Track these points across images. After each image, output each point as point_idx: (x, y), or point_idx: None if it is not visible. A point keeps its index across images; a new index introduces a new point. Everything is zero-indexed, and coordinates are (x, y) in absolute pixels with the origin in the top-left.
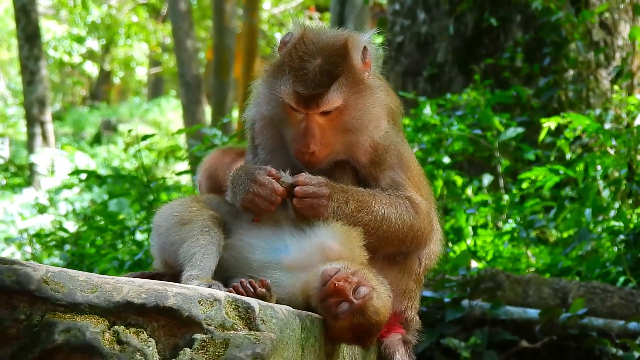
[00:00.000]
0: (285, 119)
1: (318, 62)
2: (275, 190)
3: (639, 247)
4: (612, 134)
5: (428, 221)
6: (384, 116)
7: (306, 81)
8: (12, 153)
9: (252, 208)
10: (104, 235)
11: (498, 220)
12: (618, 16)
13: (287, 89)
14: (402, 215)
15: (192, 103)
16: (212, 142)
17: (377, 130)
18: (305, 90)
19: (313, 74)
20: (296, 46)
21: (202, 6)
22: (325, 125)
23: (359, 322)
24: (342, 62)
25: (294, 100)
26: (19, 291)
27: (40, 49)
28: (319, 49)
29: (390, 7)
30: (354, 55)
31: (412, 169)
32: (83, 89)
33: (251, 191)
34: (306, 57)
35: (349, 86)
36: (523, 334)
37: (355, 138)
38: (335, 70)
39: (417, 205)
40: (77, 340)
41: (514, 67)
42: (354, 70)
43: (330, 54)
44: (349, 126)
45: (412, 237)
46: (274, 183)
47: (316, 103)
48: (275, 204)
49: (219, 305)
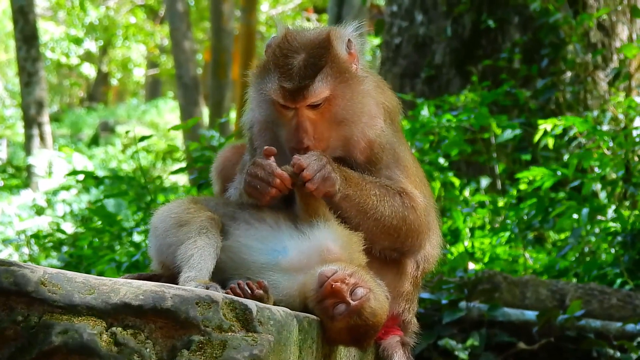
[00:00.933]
0: (277, 119)
1: (302, 57)
2: (274, 172)
3: (636, 248)
4: (609, 135)
5: (425, 217)
6: (380, 115)
7: (291, 75)
8: (9, 154)
9: (252, 192)
10: (101, 237)
11: (495, 222)
12: (616, 18)
13: (273, 85)
14: (396, 204)
15: (190, 104)
16: (209, 143)
17: (371, 126)
18: (291, 84)
19: (297, 67)
20: (280, 45)
21: (199, 7)
22: (316, 119)
23: (356, 324)
24: (325, 53)
25: (281, 96)
26: (17, 293)
27: (38, 50)
28: (302, 45)
29: (388, 9)
30: (337, 47)
31: (409, 169)
32: (81, 90)
33: (250, 172)
34: (290, 53)
35: (334, 76)
36: (520, 336)
37: (349, 131)
38: (319, 61)
39: (412, 198)
40: (75, 342)
41: (512, 69)
42: (339, 60)
43: (313, 47)
44: (340, 117)
45: (406, 230)
46: (272, 165)
47: (303, 95)
48: (275, 187)
49: (217, 307)
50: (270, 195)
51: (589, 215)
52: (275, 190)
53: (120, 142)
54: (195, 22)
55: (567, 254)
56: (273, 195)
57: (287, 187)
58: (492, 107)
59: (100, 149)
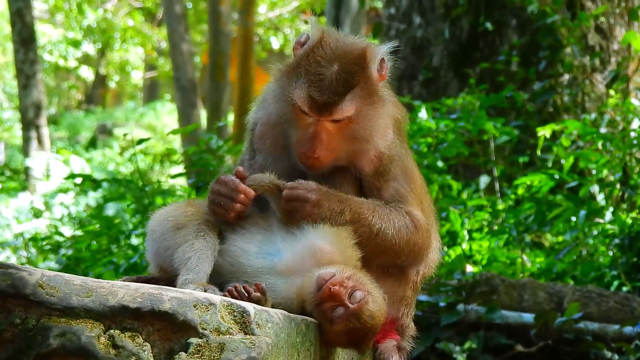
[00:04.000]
0: (293, 120)
1: (335, 69)
2: (237, 188)
3: (633, 251)
4: (606, 138)
5: (427, 237)
6: (390, 126)
7: (322, 87)
8: (7, 157)
9: (216, 209)
10: (99, 240)
11: (493, 225)
12: (614, 20)
13: (301, 92)
14: (400, 231)
15: (188, 107)
16: (207, 145)
17: (382, 140)
18: (320, 97)
19: (329, 80)
20: (314, 49)
21: (197, 10)
22: (333, 132)
23: (355, 327)
24: (360, 71)
25: (307, 105)
26: (15, 295)
27: (36, 52)
28: (336, 55)
29: (386, 11)
30: (371, 66)
31: (415, 181)
32: (78, 93)
33: (213, 190)
34: (323, 62)
35: (363, 97)
36: (518, 338)
37: (360, 147)
38: (352, 79)
39: (417, 221)
40: (73, 345)
41: (510, 71)
42: (370, 81)
43: (348, 61)
44: (356, 135)
45: (408, 251)
46: (236, 181)
47: (329, 110)
48: (239, 202)
49: (215, 309)
50: (234, 211)
51: (586, 217)
52: (240, 205)
53: (118, 144)
54: (193, 24)
55: (564, 257)
56: (238, 210)
57: (251, 200)
58: (490, 110)
59: (98, 151)
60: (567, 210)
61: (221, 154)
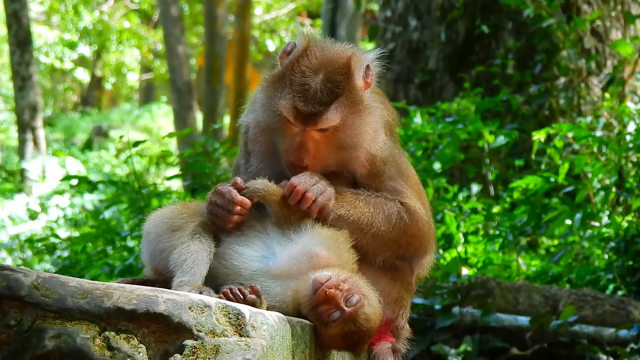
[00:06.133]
0: (280, 129)
1: (320, 79)
2: (233, 200)
3: (629, 254)
4: (602, 141)
5: (428, 228)
6: (381, 128)
7: (307, 97)
8: (3, 159)
9: (214, 220)
10: (95, 242)
11: (489, 228)
12: (609, 24)
13: (286, 102)
14: (392, 219)
15: (184, 109)
16: (203, 148)
17: (373, 143)
18: (305, 107)
19: (314, 90)
20: (299, 59)
21: (193, 12)
22: (320, 141)
23: (350, 330)
24: (344, 80)
25: (292, 115)
26: (10, 297)
27: (32, 54)
28: (321, 65)
29: (382, 14)
30: (356, 75)
31: (411, 179)
32: (74, 94)
33: (210, 201)
34: (308, 72)
35: (348, 106)
36: (513, 341)
37: (348, 154)
38: (337, 88)
39: (412, 212)
40: (68, 346)
41: (505, 75)
42: (355, 89)
43: (332, 71)
44: (343, 143)
45: (406, 241)
46: (232, 192)
47: (314, 120)
48: (235, 213)
49: (210, 311)
50: (232, 222)
51: (581, 220)
52: (238, 216)
53: (113, 146)
54: (189, 26)
55: (560, 260)
56: (235, 221)
57: (249, 210)
58: (486, 113)
59: (93, 153)
60: (562, 213)
61: (217, 156)
